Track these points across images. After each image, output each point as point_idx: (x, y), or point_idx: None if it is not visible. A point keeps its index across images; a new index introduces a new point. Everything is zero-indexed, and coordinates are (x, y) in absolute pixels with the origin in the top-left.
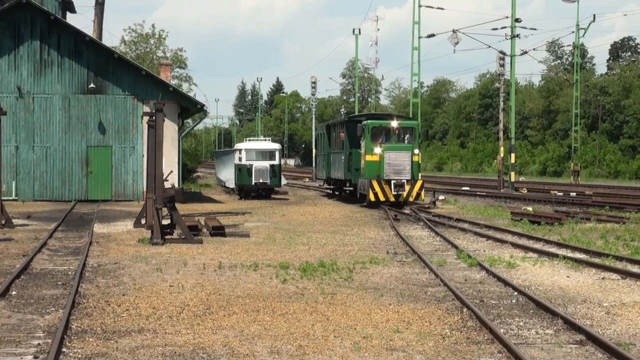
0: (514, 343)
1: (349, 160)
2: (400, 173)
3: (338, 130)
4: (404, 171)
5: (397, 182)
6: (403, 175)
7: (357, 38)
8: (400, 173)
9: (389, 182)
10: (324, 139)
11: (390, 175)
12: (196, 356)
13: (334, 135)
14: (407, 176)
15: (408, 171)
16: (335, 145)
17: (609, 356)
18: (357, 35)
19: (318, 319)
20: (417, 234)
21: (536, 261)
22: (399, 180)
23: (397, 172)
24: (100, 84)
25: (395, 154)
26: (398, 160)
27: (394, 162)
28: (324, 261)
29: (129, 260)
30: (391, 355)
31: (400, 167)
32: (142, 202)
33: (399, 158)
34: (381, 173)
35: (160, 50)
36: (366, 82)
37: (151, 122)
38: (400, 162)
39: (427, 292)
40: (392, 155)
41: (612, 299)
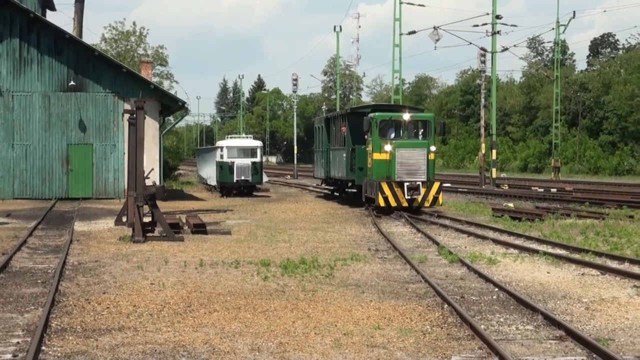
0: (495, 339)
1: (351, 159)
2: (415, 174)
3: (339, 123)
4: (419, 172)
5: (411, 184)
6: (418, 177)
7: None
8: (415, 174)
9: (401, 185)
10: (322, 134)
11: (402, 176)
12: (177, 354)
13: (334, 129)
14: (422, 177)
15: (423, 171)
16: (335, 140)
17: (588, 352)
18: (338, 33)
19: (299, 316)
20: (398, 231)
21: (517, 257)
22: (413, 182)
23: (410, 173)
24: (81, 82)
25: (408, 151)
26: (412, 158)
27: (408, 161)
28: (305, 258)
29: (110, 258)
30: (372, 352)
31: (414, 166)
32: (123, 200)
33: (413, 156)
34: (392, 174)
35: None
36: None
37: (132, 120)
38: (414, 161)
39: (408, 289)
40: (405, 153)
41: (591, 294)
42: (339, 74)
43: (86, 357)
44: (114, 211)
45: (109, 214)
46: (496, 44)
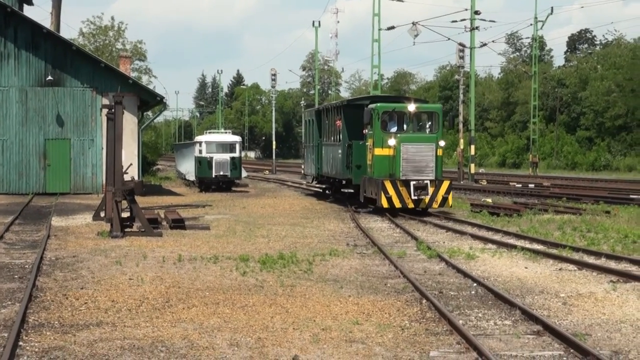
0: (473, 334)
1: (347, 155)
2: (422, 171)
3: (332, 116)
4: (427, 169)
5: (417, 183)
6: (425, 174)
7: (317, 30)
8: (422, 171)
9: (406, 184)
10: (312, 128)
11: (408, 174)
12: (155, 349)
13: (328, 123)
14: (430, 175)
15: (431, 169)
16: (329, 135)
17: (565, 347)
18: (316, 28)
19: (277, 311)
20: (377, 226)
21: (495, 252)
22: (420, 180)
23: (417, 171)
24: (58, 77)
25: (414, 146)
26: (419, 154)
27: (414, 157)
28: (284, 253)
29: (88, 253)
30: (350, 347)
31: (421, 163)
32: (101, 195)
33: (420, 152)
34: (396, 171)
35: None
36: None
37: (110, 115)
38: (421, 157)
39: (387, 284)
40: (410, 149)
41: (568, 289)
42: (317, 70)
43: (64, 353)
44: (92, 206)
45: (87, 209)
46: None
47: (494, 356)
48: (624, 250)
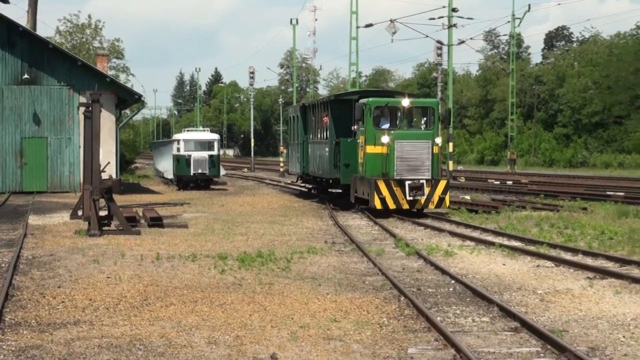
0: (451, 331)
1: (335, 153)
2: (417, 170)
3: (319, 113)
4: (422, 167)
5: (413, 183)
6: (421, 173)
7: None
8: (417, 170)
9: (401, 183)
10: (297, 124)
11: (403, 173)
12: (133, 347)
13: (314, 119)
14: (426, 174)
15: (427, 167)
16: (315, 132)
17: (543, 343)
18: (294, 26)
19: (256, 309)
20: (355, 223)
21: (473, 249)
22: (415, 180)
23: (412, 169)
24: (35, 75)
25: (410, 143)
26: (414, 152)
27: (409, 155)
28: (262, 251)
29: (65, 252)
30: (328, 344)
31: (417, 161)
32: (78, 194)
33: (416, 149)
34: (390, 170)
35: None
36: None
37: (87, 113)
38: (417, 155)
39: (365, 281)
40: (405, 146)
41: (546, 286)
42: (295, 67)
43: (41, 352)
44: (70, 205)
45: (65, 207)
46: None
47: (472, 353)
48: (601, 247)
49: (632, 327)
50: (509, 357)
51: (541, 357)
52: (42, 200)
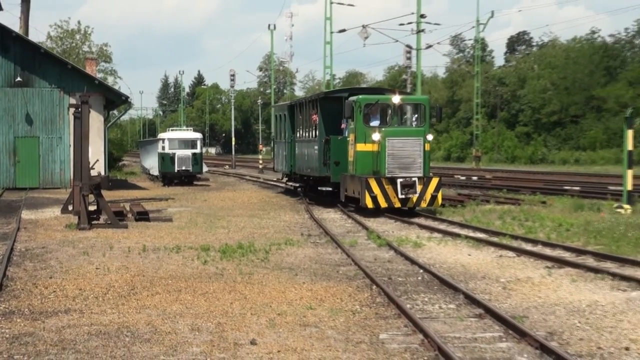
0: (419, 317)
1: (325, 151)
2: (409, 168)
3: (308, 111)
4: (414, 165)
5: (405, 181)
6: (413, 171)
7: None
8: (409, 168)
9: (392, 181)
10: (284, 123)
11: (394, 171)
12: (121, 334)
13: (302, 117)
14: (417, 172)
15: (419, 165)
16: (303, 130)
17: (505, 328)
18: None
19: (236, 297)
20: (330, 217)
21: (440, 241)
22: (407, 178)
23: (404, 167)
24: (27, 78)
25: (401, 141)
26: (405, 149)
27: (400, 153)
28: (243, 243)
29: (57, 244)
30: (304, 330)
31: (408, 159)
32: (69, 190)
33: (407, 147)
34: (381, 168)
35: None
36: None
37: (77, 114)
38: (408, 153)
39: (339, 271)
40: (396, 143)
41: (508, 275)
42: (273, 70)
43: (33, 339)
44: (61, 200)
45: (56, 203)
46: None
47: (438, 338)
48: (558, 238)
49: (587, 313)
50: (473, 342)
51: (503, 341)
52: (34, 196)
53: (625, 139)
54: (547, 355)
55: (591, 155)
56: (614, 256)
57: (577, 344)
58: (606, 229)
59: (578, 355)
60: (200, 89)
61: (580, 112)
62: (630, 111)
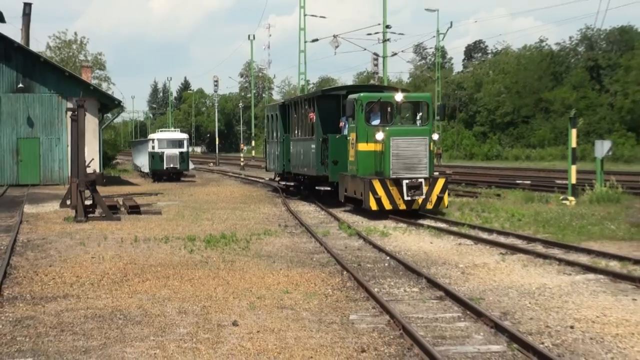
0: (386, 300)
1: (322, 150)
2: (415, 168)
3: (304, 110)
4: (420, 165)
5: (411, 182)
6: (418, 172)
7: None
8: (415, 168)
9: (397, 183)
10: (276, 123)
11: (399, 172)
12: (114, 317)
13: (296, 117)
14: (423, 173)
15: (425, 165)
16: (298, 129)
17: (463, 309)
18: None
19: (220, 283)
20: (305, 209)
21: (405, 230)
22: (414, 179)
23: (409, 168)
24: (28, 84)
25: (406, 140)
26: (411, 149)
27: (405, 153)
28: (225, 233)
29: (56, 236)
30: (282, 312)
31: (414, 159)
32: (67, 186)
33: (412, 146)
34: (385, 169)
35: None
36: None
37: (74, 117)
38: (413, 153)
39: (313, 259)
40: (401, 143)
41: (466, 261)
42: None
43: (35, 322)
44: (59, 195)
45: (55, 198)
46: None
47: (403, 318)
48: (511, 227)
49: (536, 295)
50: (434, 322)
51: (461, 321)
52: (35, 191)
53: (570, 138)
54: (500, 333)
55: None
56: (560, 243)
57: (527, 323)
58: (553, 219)
59: (528, 333)
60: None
61: (530, 113)
62: (574, 112)
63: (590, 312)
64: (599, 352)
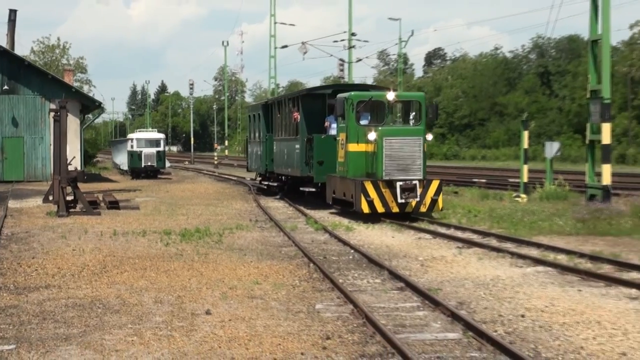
0: (350, 290)
1: (307, 150)
2: (408, 170)
3: (286, 109)
4: (413, 167)
5: (405, 184)
6: (412, 173)
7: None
8: (408, 170)
9: (390, 185)
10: (258, 123)
11: (392, 173)
12: (94, 306)
13: (280, 116)
14: (417, 174)
15: (419, 167)
16: (282, 129)
17: (422, 299)
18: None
19: (194, 274)
20: (274, 205)
21: (368, 225)
22: (407, 181)
23: (403, 169)
24: (13, 86)
25: (399, 140)
26: (404, 150)
27: (398, 154)
28: (200, 228)
29: (39, 229)
30: (252, 302)
31: (407, 160)
32: (50, 182)
33: (406, 147)
34: (377, 170)
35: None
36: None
37: (57, 117)
38: (407, 154)
39: (282, 251)
40: (394, 143)
41: (425, 254)
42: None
43: (18, 310)
44: (42, 191)
45: (38, 193)
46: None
47: (366, 308)
48: (468, 223)
49: (490, 286)
50: (395, 311)
51: (420, 310)
52: (19, 188)
53: (522, 139)
54: (457, 322)
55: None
56: (513, 238)
57: (482, 312)
58: (507, 215)
59: (483, 321)
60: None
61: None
62: (526, 115)
63: (540, 302)
64: (547, 340)
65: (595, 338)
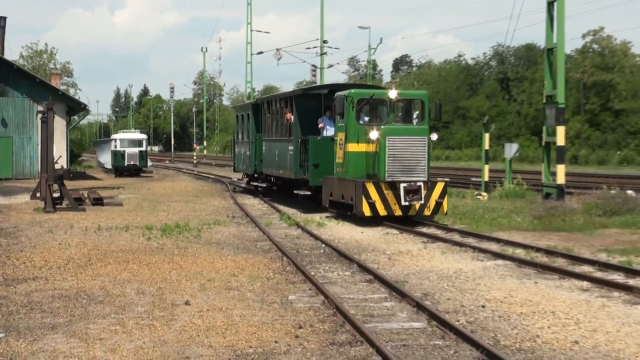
0: (321, 282)
1: (301, 152)
2: (412, 171)
3: (279, 109)
4: (418, 167)
5: (409, 186)
6: (416, 175)
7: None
8: (412, 171)
9: (393, 186)
10: (247, 123)
11: (396, 174)
12: (79, 297)
13: (271, 116)
14: (422, 176)
15: (423, 168)
16: (273, 130)
17: (389, 291)
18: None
19: (174, 267)
20: (250, 202)
21: (339, 221)
22: (411, 183)
23: (407, 170)
24: (2, 89)
25: (403, 140)
26: (408, 150)
27: (402, 154)
28: (179, 223)
29: (27, 224)
30: (229, 293)
31: (411, 161)
32: (37, 180)
33: (410, 147)
34: (380, 171)
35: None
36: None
37: (44, 119)
38: (411, 154)
39: (257, 246)
40: (398, 143)
41: (392, 248)
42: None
43: (7, 301)
44: (30, 188)
45: (26, 190)
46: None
47: (336, 299)
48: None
49: (453, 278)
50: (364, 302)
51: (388, 301)
52: (8, 185)
53: (483, 141)
54: (422, 312)
55: (458, 153)
56: (474, 233)
57: (445, 302)
58: (469, 212)
59: (446, 311)
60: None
61: (450, 119)
62: (487, 118)
63: (499, 293)
64: (506, 328)
65: (550, 327)
